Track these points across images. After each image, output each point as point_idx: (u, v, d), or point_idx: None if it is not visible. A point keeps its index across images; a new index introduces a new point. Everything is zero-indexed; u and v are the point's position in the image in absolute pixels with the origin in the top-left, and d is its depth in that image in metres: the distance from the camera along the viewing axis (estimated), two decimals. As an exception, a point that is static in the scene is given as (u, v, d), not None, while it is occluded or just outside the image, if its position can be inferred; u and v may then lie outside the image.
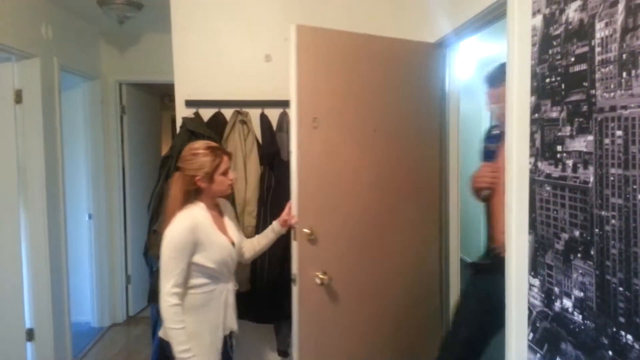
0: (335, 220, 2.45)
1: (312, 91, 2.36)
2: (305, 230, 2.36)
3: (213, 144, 2.16)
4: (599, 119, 1.26)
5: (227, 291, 2.17)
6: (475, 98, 5.98)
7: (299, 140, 2.34)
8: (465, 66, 4.37)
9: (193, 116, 2.89)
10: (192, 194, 2.08)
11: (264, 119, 2.93)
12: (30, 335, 3.37)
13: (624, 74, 1.17)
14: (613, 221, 1.21)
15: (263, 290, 2.78)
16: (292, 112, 2.34)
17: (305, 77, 2.34)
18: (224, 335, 2.18)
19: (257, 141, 2.91)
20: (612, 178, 1.21)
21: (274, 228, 2.38)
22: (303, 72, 2.33)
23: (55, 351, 3.47)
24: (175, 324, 1.98)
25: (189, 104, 2.94)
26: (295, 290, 2.37)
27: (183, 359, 1.97)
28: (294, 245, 2.37)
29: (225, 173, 2.10)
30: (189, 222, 2.02)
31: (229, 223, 2.23)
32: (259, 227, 2.77)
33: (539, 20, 1.57)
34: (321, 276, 2.37)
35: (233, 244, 2.16)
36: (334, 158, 2.44)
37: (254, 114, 2.93)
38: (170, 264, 1.98)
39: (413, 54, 2.70)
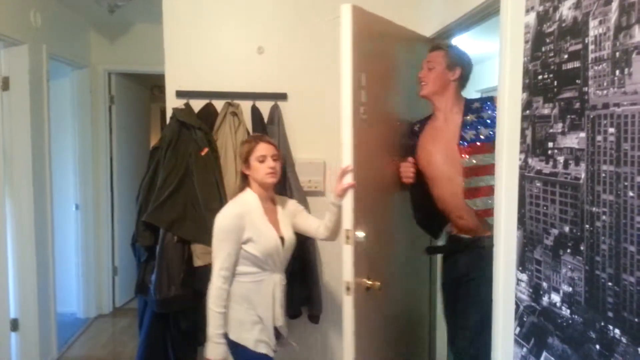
0: (375, 223, 2.17)
1: (363, 77, 2.04)
2: (362, 233, 2.04)
3: (259, 134, 2.37)
4: (592, 116, 1.27)
5: (275, 284, 2.17)
6: (467, 95, 6.01)
7: (353, 134, 1.98)
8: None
9: (184, 107, 2.87)
10: (243, 181, 2.23)
11: (255, 112, 2.91)
12: (14, 325, 3.34)
13: (617, 72, 1.18)
14: (604, 217, 1.22)
15: (296, 287, 2.67)
16: (344, 102, 2.00)
17: (358, 60, 1.99)
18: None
19: (248, 133, 2.90)
20: (603, 175, 1.22)
21: (334, 202, 2.14)
22: (357, 56, 1.96)
23: (40, 341, 3.43)
24: (216, 307, 2.06)
25: (180, 94, 2.91)
26: (349, 300, 1.99)
27: (214, 342, 2.05)
28: (347, 250, 2.00)
29: (261, 160, 2.16)
30: (238, 208, 2.14)
31: (282, 219, 2.26)
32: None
33: (532, 17, 1.58)
34: (369, 283, 2.09)
35: (282, 238, 2.18)
36: (382, 154, 2.23)
37: (245, 106, 2.91)
38: (217, 246, 2.09)
39: (421, 47, 2.65)
